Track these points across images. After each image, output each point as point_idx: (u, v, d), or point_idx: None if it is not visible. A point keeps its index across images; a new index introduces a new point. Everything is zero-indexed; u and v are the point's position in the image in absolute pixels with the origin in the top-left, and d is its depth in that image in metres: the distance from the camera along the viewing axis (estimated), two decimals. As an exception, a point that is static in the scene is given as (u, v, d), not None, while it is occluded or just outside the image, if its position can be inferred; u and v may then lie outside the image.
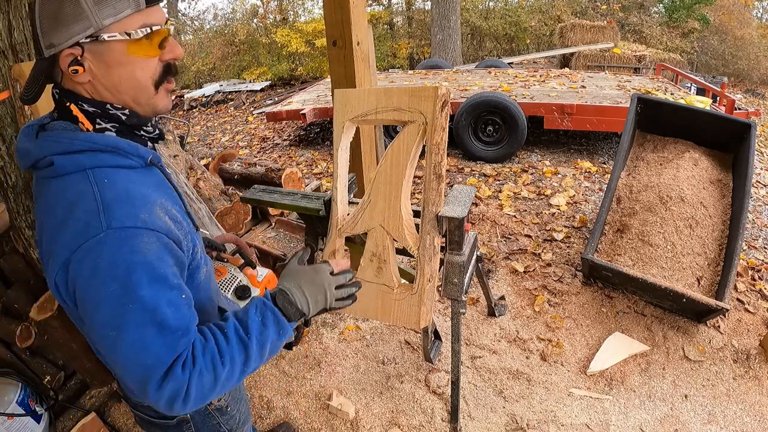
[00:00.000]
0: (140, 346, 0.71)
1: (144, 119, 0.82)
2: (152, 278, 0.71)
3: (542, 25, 11.66)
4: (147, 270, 0.71)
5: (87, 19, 0.71)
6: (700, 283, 2.45)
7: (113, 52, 0.74)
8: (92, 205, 0.70)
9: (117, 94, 0.77)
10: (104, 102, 0.77)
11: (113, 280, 0.69)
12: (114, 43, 0.73)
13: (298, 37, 10.43)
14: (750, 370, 2.19)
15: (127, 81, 0.77)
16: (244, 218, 3.19)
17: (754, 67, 10.48)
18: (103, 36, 0.72)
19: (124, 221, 0.70)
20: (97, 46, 0.73)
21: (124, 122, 0.79)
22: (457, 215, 1.50)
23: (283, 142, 5.97)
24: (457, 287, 1.66)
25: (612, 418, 1.99)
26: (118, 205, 0.71)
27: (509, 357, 2.30)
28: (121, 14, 0.72)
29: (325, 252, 1.63)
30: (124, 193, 0.73)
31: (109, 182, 0.74)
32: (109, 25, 0.72)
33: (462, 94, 4.99)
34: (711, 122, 3.08)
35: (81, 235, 0.69)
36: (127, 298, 0.69)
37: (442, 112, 1.39)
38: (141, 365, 0.72)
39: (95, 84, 0.76)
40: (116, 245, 0.69)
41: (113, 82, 0.76)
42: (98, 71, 0.75)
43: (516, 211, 3.54)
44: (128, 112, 0.79)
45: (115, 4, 0.72)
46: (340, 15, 2.03)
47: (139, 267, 0.70)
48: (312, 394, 2.15)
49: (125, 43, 0.74)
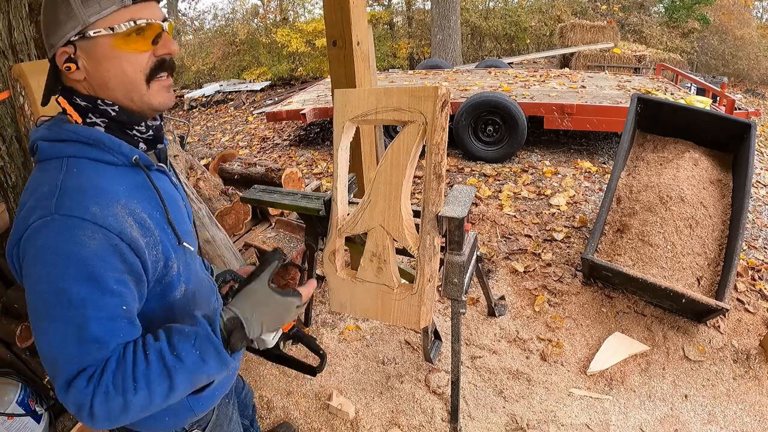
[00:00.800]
0: (53, 342, 0.69)
1: (136, 118, 0.82)
2: (85, 276, 0.68)
3: (542, 25, 11.66)
4: (81, 266, 0.68)
5: (75, 17, 0.74)
6: (700, 283, 2.45)
7: (100, 47, 0.75)
8: (52, 189, 0.71)
9: (108, 89, 0.78)
10: (96, 97, 0.78)
11: (45, 265, 0.68)
12: (100, 38, 0.75)
13: (298, 37, 10.43)
14: (750, 370, 2.19)
15: (116, 76, 0.77)
16: (244, 218, 3.19)
17: (754, 67, 10.48)
18: (89, 32, 0.74)
19: (72, 209, 0.70)
20: (85, 43, 0.75)
21: (114, 118, 0.79)
22: (457, 215, 1.50)
23: (283, 142, 5.97)
24: (457, 287, 1.66)
25: (612, 418, 1.99)
26: (73, 194, 0.71)
27: (509, 357, 2.30)
28: (106, 11, 0.74)
29: (325, 252, 1.63)
30: (86, 183, 0.73)
31: (77, 171, 0.74)
32: (95, 21, 0.74)
33: (462, 94, 4.99)
34: (711, 122, 3.08)
35: (33, 215, 0.70)
36: (53, 287, 0.68)
37: (442, 112, 1.39)
38: (50, 360, 0.70)
39: (89, 81, 0.78)
40: (58, 231, 0.68)
41: (104, 78, 0.77)
42: (90, 67, 0.77)
43: (516, 211, 3.54)
44: (118, 108, 0.79)
45: (101, 1, 0.74)
46: (340, 15, 2.03)
47: (73, 260, 0.68)
48: (312, 394, 2.15)
49: (110, 38, 0.75)
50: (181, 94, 10.13)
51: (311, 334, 2.49)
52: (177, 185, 0.96)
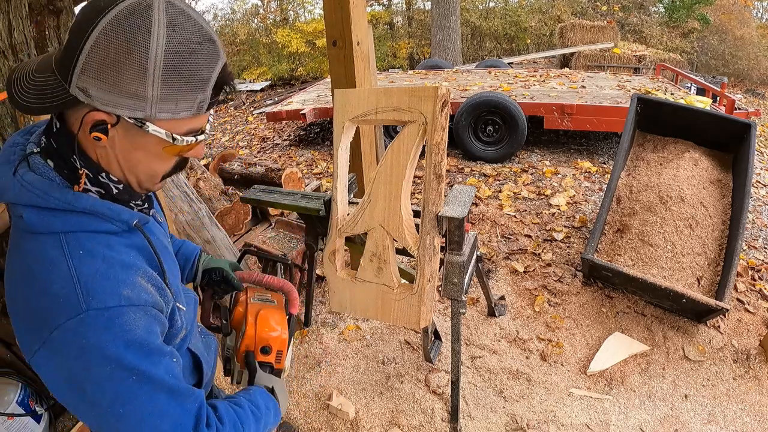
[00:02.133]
0: (156, 415, 0.67)
1: (135, 195, 0.77)
2: (147, 352, 0.67)
3: (542, 25, 11.66)
4: (140, 347, 0.66)
5: (143, 100, 0.63)
6: (700, 283, 2.45)
7: (147, 141, 0.68)
8: (68, 281, 0.64)
9: (125, 171, 0.72)
10: (101, 169, 0.70)
11: (107, 361, 0.64)
12: (154, 136, 0.67)
13: (298, 37, 10.43)
14: (750, 370, 2.19)
15: (144, 167, 0.72)
16: (244, 218, 3.19)
17: (754, 67, 10.48)
18: (148, 127, 0.65)
19: (106, 301, 0.64)
20: (135, 129, 0.66)
21: (114, 196, 0.73)
22: (457, 215, 1.50)
23: (283, 142, 5.97)
24: (457, 287, 1.66)
25: (612, 418, 1.99)
26: (98, 282, 0.65)
27: (509, 357, 2.30)
28: (177, 115, 0.66)
29: (325, 252, 1.63)
30: (103, 266, 0.67)
31: (84, 253, 0.66)
32: (162, 119, 0.66)
33: (462, 94, 4.99)
34: (711, 122, 3.09)
35: (60, 315, 0.63)
36: (127, 374, 0.65)
37: (442, 112, 1.39)
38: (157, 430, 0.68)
39: (108, 151, 0.69)
40: (101, 327, 0.64)
41: (130, 163, 0.71)
42: (120, 147, 0.68)
43: (516, 211, 3.54)
44: (122, 187, 0.73)
45: (178, 102, 0.65)
46: (340, 15, 2.03)
47: (131, 346, 0.65)
48: (312, 394, 2.15)
49: (163, 143, 0.68)
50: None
51: (311, 335, 2.49)
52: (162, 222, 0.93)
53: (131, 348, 0.65)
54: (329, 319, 2.60)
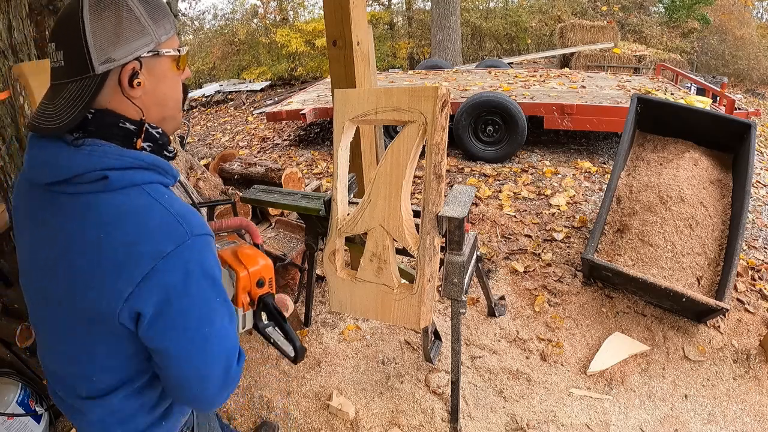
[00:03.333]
0: (224, 335, 0.80)
1: (168, 139, 0.86)
2: (220, 275, 0.80)
3: (542, 25, 11.66)
4: (218, 269, 0.80)
5: (149, 35, 0.75)
6: (700, 283, 2.45)
7: (163, 67, 0.79)
8: (167, 216, 0.74)
9: (163, 108, 0.82)
10: (143, 121, 0.79)
11: (206, 279, 0.76)
12: (167, 58, 0.79)
13: (298, 36, 10.43)
14: (750, 370, 2.19)
15: (171, 96, 0.82)
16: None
17: (754, 67, 10.47)
18: (162, 51, 0.77)
19: (202, 229, 0.77)
20: (153, 61, 0.77)
21: (157, 140, 0.82)
22: (457, 215, 1.50)
23: (283, 142, 5.97)
24: (457, 287, 1.66)
25: (612, 418, 1.99)
26: (190, 216, 0.77)
27: (509, 357, 2.30)
28: (169, 33, 0.79)
29: (325, 252, 1.63)
30: (184, 206, 0.79)
31: (168, 197, 0.78)
32: (164, 41, 0.78)
33: (462, 94, 4.99)
34: (711, 122, 3.09)
35: (166, 243, 0.72)
36: (215, 293, 0.78)
37: (442, 112, 1.40)
38: (225, 352, 0.81)
39: (145, 98, 0.78)
40: (202, 249, 0.76)
41: (161, 97, 0.80)
42: (150, 86, 0.78)
43: (516, 211, 3.54)
44: (161, 131, 0.83)
45: (165, 24, 0.78)
46: (340, 15, 2.03)
47: (216, 267, 0.79)
48: (312, 394, 2.15)
49: (174, 60, 0.80)
50: (181, 94, 10.12)
51: (311, 335, 2.49)
52: None
53: (218, 269, 0.79)
54: (329, 319, 2.59)
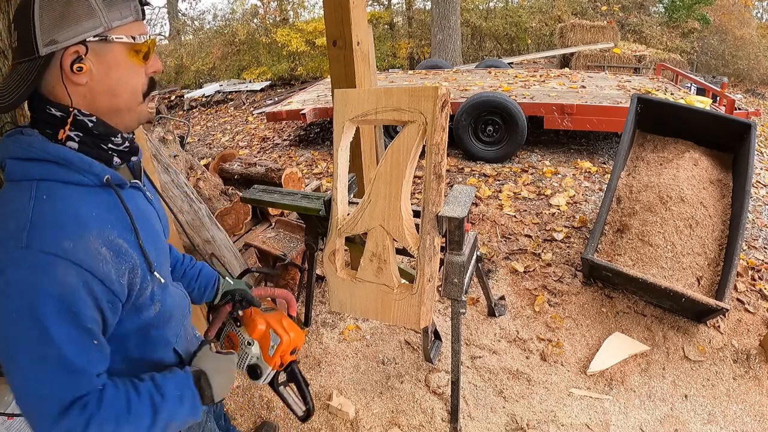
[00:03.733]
0: (38, 377, 0.68)
1: (112, 129, 0.79)
2: (61, 311, 0.67)
3: (542, 25, 11.66)
4: (57, 302, 0.67)
5: (97, 18, 0.72)
6: (700, 283, 2.45)
7: (115, 54, 0.75)
8: (22, 220, 0.68)
9: (113, 98, 0.77)
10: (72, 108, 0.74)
11: (21, 303, 0.66)
12: (118, 45, 0.75)
13: (298, 36, 10.42)
14: (750, 370, 2.19)
15: (124, 85, 0.77)
16: (244, 218, 3.19)
17: (754, 67, 10.47)
18: (111, 36, 0.73)
19: (44, 245, 0.67)
20: (102, 46, 0.73)
21: (90, 130, 0.76)
22: (457, 215, 1.50)
23: (283, 142, 5.97)
24: (457, 287, 1.66)
25: (612, 418, 1.99)
26: (46, 228, 0.68)
27: (509, 357, 2.30)
28: (126, 19, 0.75)
29: (325, 252, 1.63)
30: (58, 214, 0.70)
31: (47, 199, 0.70)
32: (116, 27, 0.74)
33: (462, 94, 4.99)
34: (711, 122, 3.09)
35: (2, 246, 0.67)
36: (30, 325, 0.66)
37: (442, 112, 1.39)
38: (33, 396, 0.69)
39: (91, 86, 0.74)
40: (29, 267, 0.66)
41: (111, 85, 0.76)
42: (98, 72, 0.74)
43: (516, 211, 3.54)
44: (95, 119, 0.76)
45: (121, 9, 0.74)
46: (340, 15, 2.03)
47: (49, 297, 0.66)
48: (312, 394, 2.15)
49: (128, 47, 0.76)
50: (181, 94, 10.14)
51: (311, 335, 2.49)
52: (152, 200, 0.92)
53: (48, 300, 0.66)
54: (329, 319, 2.59)
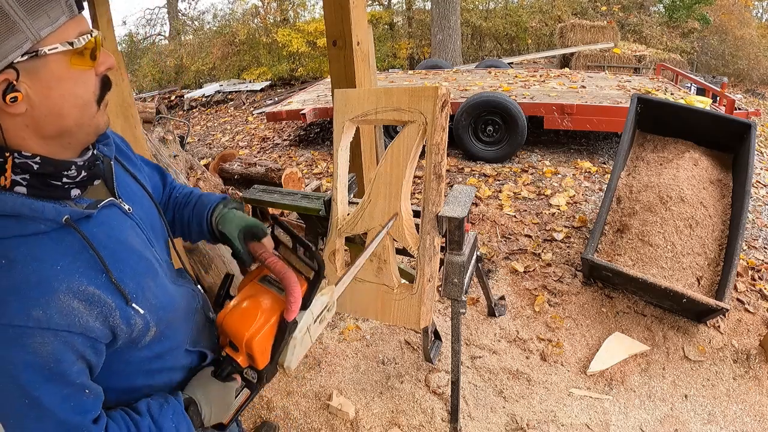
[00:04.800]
0: None
1: (64, 164, 0.69)
2: (46, 378, 0.64)
3: (542, 25, 11.66)
4: (39, 370, 0.63)
5: (21, 32, 0.58)
6: (700, 283, 2.45)
7: (53, 68, 0.63)
8: None
9: (59, 120, 0.65)
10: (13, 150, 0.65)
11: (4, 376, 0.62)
12: (55, 56, 0.62)
13: (298, 37, 10.43)
14: (750, 370, 2.19)
15: (70, 100, 0.65)
16: (244, 218, 3.19)
17: (754, 67, 10.48)
18: (43, 49, 0.60)
19: (13, 319, 0.61)
20: (34, 64, 0.61)
21: (36, 171, 0.66)
22: (457, 215, 1.50)
23: (283, 142, 5.97)
24: (457, 287, 1.66)
25: (612, 418, 1.99)
26: (11, 298, 0.62)
27: (509, 357, 2.30)
28: (57, 23, 0.61)
29: (325, 252, 1.63)
30: (20, 281, 0.63)
31: (6, 264, 0.63)
32: (47, 36, 0.60)
33: (462, 94, 4.99)
34: (711, 122, 3.09)
35: None
36: (20, 394, 0.63)
37: (442, 112, 1.40)
38: None
39: (32, 114, 0.63)
40: (4, 342, 0.62)
41: (56, 106, 0.64)
42: (37, 96, 0.62)
43: (516, 211, 3.54)
44: (40, 160, 0.66)
45: (49, 11, 0.61)
46: (340, 15, 2.03)
47: (30, 368, 0.63)
48: (312, 394, 2.15)
49: (67, 56, 0.63)
50: (181, 94, 10.14)
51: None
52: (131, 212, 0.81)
53: (29, 371, 0.63)
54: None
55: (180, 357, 0.89)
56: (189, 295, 0.92)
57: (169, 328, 0.84)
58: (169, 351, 0.86)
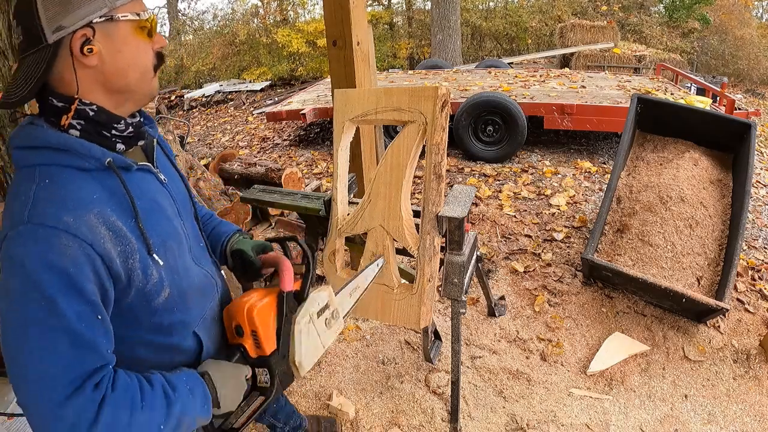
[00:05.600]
0: (50, 352, 0.66)
1: (115, 117, 0.79)
2: (66, 284, 0.67)
3: (542, 25, 11.66)
4: (60, 273, 0.67)
5: (100, 1, 0.72)
6: (700, 283, 2.45)
7: (122, 32, 0.76)
8: (25, 200, 0.70)
9: (123, 77, 0.77)
10: (74, 98, 0.75)
11: (25, 276, 0.66)
12: (125, 23, 0.76)
13: (298, 37, 10.43)
14: (750, 370, 2.19)
15: (134, 62, 0.78)
16: (244, 218, 3.19)
17: (754, 67, 10.47)
18: (117, 15, 0.74)
19: (45, 219, 0.68)
20: (109, 27, 0.74)
21: (92, 119, 0.76)
22: (457, 215, 1.50)
23: (283, 142, 5.97)
24: (457, 287, 1.66)
25: (612, 418, 1.99)
26: (46, 203, 0.70)
27: (509, 357, 2.30)
28: None
29: (325, 252, 1.63)
30: (58, 193, 0.71)
31: (49, 182, 0.72)
32: (120, 6, 0.75)
33: (462, 94, 4.99)
34: (711, 122, 3.09)
35: (6, 227, 0.69)
36: (35, 296, 0.66)
37: (442, 112, 1.40)
38: (43, 379, 0.66)
39: (102, 68, 0.75)
40: (30, 240, 0.67)
41: (122, 64, 0.77)
42: (107, 53, 0.75)
43: (516, 211, 3.54)
44: (96, 108, 0.77)
45: None
46: (340, 15, 2.03)
47: (53, 270, 0.66)
48: (312, 394, 2.15)
49: (134, 25, 0.77)
50: (181, 94, 10.14)
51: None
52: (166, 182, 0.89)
53: (51, 271, 0.66)
54: (329, 319, 2.59)
55: (187, 337, 0.90)
56: (208, 279, 0.96)
57: (182, 300, 0.87)
58: (179, 326, 0.88)
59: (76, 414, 0.66)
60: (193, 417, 0.80)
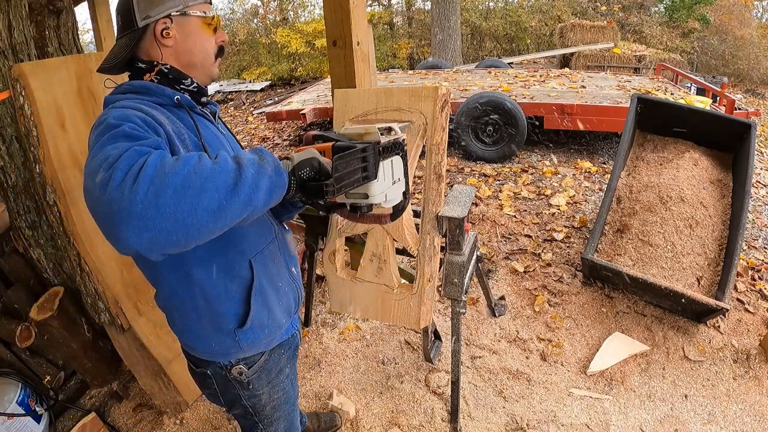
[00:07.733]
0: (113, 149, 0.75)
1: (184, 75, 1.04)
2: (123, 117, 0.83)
3: (542, 25, 11.66)
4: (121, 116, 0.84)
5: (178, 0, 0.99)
6: (700, 283, 2.45)
7: (192, 24, 1.02)
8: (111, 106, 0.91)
9: (190, 56, 1.03)
10: (155, 63, 1.00)
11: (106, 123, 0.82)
12: (194, 18, 1.02)
13: (298, 37, 10.43)
14: (750, 370, 2.19)
15: (199, 47, 1.04)
16: (244, 218, 3.19)
17: (754, 67, 10.47)
18: (188, 11, 1.01)
19: (125, 104, 0.90)
20: (182, 19, 1.01)
21: (167, 74, 1.01)
22: (457, 215, 1.50)
23: (283, 142, 5.97)
24: (457, 287, 1.66)
25: (612, 418, 1.99)
26: (127, 103, 0.91)
27: (509, 357, 2.30)
28: (197, 0, 1.02)
29: (325, 252, 1.63)
30: (137, 104, 0.91)
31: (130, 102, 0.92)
32: (192, 5, 1.01)
33: (462, 94, 4.99)
34: (711, 122, 3.08)
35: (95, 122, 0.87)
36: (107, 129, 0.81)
37: (443, 112, 1.40)
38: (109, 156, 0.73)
39: (176, 47, 1.01)
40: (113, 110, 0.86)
41: (189, 47, 1.03)
42: (179, 37, 1.01)
43: (516, 211, 3.54)
44: (169, 67, 1.01)
45: None
46: (340, 15, 2.02)
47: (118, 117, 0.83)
48: (312, 394, 2.15)
49: (201, 20, 1.03)
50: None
51: (311, 334, 2.49)
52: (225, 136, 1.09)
53: (117, 118, 0.84)
54: (329, 319, 2.59)
55: (242, 265, 1.04)
56: (266, 221, 1.11)
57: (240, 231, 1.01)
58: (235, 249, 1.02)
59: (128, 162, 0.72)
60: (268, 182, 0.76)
